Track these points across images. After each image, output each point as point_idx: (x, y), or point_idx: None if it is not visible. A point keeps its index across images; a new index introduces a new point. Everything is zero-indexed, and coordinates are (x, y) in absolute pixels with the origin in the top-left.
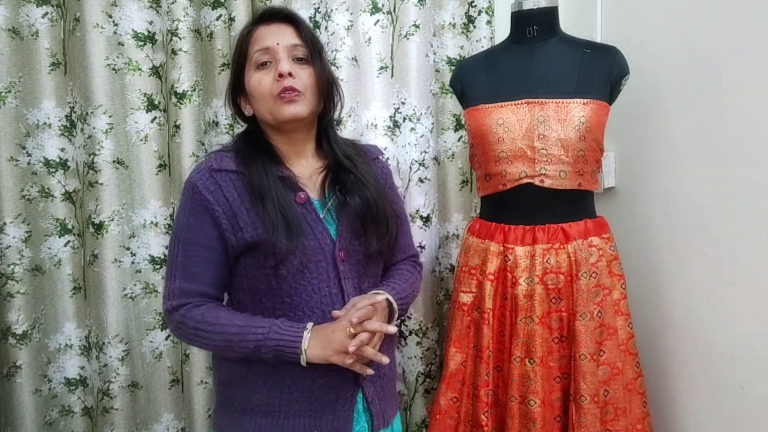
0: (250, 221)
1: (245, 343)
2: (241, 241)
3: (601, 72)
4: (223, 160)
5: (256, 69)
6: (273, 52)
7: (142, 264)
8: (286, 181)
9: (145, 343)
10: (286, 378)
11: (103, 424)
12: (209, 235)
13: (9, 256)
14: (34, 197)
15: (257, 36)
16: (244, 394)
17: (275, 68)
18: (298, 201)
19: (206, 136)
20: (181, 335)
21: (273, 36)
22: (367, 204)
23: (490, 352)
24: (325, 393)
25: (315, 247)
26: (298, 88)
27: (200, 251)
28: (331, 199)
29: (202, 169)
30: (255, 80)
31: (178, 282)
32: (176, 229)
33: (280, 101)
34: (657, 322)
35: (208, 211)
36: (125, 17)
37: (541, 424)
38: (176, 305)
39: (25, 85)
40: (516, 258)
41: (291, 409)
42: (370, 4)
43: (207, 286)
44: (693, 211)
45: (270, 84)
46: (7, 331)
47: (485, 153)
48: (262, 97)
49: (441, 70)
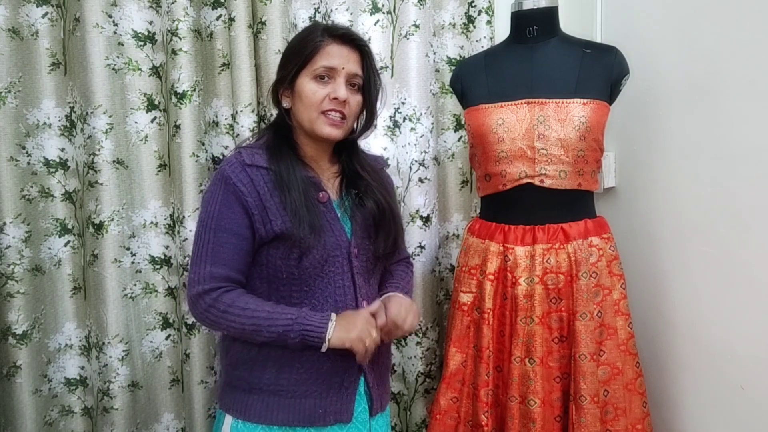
0: (279, 214)
1: (274, 328)
2: (270, 233)
3: (601, 72)
4: (255, 156)
5: (313, 78)
6: (335, 73)
7: (142, 264)
8: (310, 180)
9: (145, 343)
10: (294, 360)
11: (103, 424)
12: (240, 223)
13: (9, 256)
14: (34, 197)
15: (327, 51)
16: (252, 374)
17: (332, 87)
18: (320, 200)
19: (206, 136)
20: (206, 318)
21: (342, 58)
22: (381, 209)
23: (490, 352)
24: (330, 376)
25: (333, 243)
26: (345, 113)
27: (230, 238)
28: (348, 201)
29: (234, 162)
30: (310, 89)
31: (209, 267)
32: (206, 217)
33: (324, 118)
34: (657, 322)
35: (240, 201)
36: (125, 17)
37: (541, 424)
38: (208, 289)
39: (25, 85)
40: (516, 258)
41: (298, 390)
42: (370, 4)
43: (235, 272)
44: (693, 211)
45: (322, 98)
46: (7, 331)
47: (485, 153)
48: (310, 106)
49: (441, 70)
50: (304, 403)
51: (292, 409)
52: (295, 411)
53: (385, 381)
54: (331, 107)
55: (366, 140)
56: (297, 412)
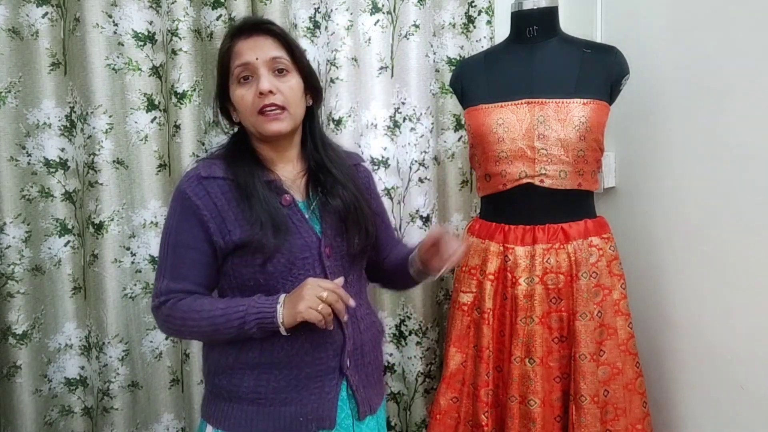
0: (237, 223)
1: (230, 323)
2: (229, 243)
3: (601, 72)
4: (212, 168)
5: (239, 84)
6: (253, 68)
7: (142, 264)
8: (272, 185)
9: (145, 343)
10: (272, 367)
11: (103, 424)
12: (197, 237)
13: (9, 256)
14: (34, 197)
15: (237, 51)
16: (232, 382)
17: (256, 84)
18: (283, 203)
19: (206, 136)
20: (169, 329)
21: (252, 50)
22: (346, 206)
23: (490, 352)
24: (310, 381)
25: (301, 245)
26: (279, 103)
27: (188, 252)
28: (315, 200)
29: (191, 177)
30: (238, 96)
31: (166, 282)
32: (165, 233)
33: (263, 117)
34: (657, 322)
35: (196, 215)
36: (125, 17)
37: (541, 424)
38: (163, 301)
39: (25, 85)
40: (516, 258)
41: (277, 397)
42: (370, 4)
43: (193, 284)
44: (693, 211)
45: (252, 99)
46: (7, 331)
47: (485, 153)
48: (245, 112)
49: (441, 70)
50: (285, 411)
51: (273, 418)
52: (276, 419)
53: (374, 382)
54: (264, 104)
55: (366, 140)
56: (278, 421)
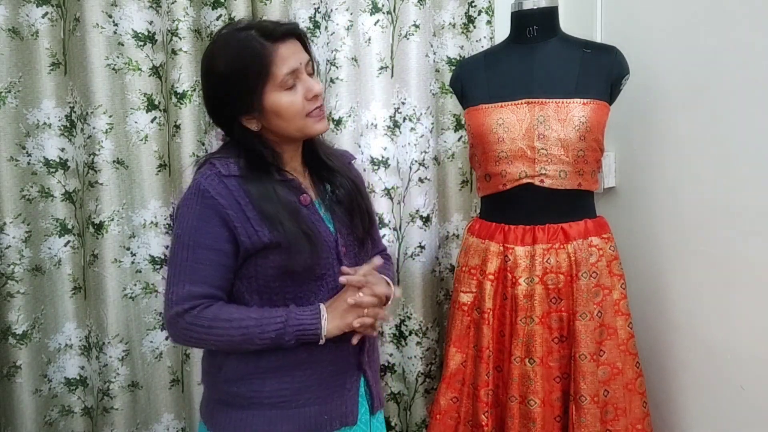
0: (264, 223)
1: (267, 334)
2: (257, 243)
3: (601, 72)
4: (230, 166)
5: (286, 90)
6: (299, 73)
7: (142, 264)
8: (291, 183)
9: (145, 343)
10: (294, 368)
11: (103, 424)
12: (219, 237)
13: (9, 256)
14: (34, 197)
15: (282, 56)
16: (252, 389)
17: (302, 87)
18: (302, 203)
19: (206, 136)
20: (189, 338)
21: (295, 55)
22: (349, 194)
23: (490, 352)
24: (332, 380)
25: (323, 245)
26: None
27: (210, 254)
28: (326, 196)
29: (209, 174)
30: (287, 102)
31: (188, 286)
32: (181, 233)
33: (311, 119)
34: (657, 322)
35: (219, 214)
36: (125, 17)
37: (541, 424)
38: (186, 308)
39: (25, 85)
40: (516, 258)
41: (301, 398)
42: (370, 4)
43: (216, 288)
44: (693, 211)
45: (301, 104)
46: (7, 331)
47: (485, 153)
48: (294, 117)
49: (441, 70)
50: (308, 411)
51: (296, 419)
52: (300, 420)
53: (378, 378)
54: (314, 106)
55: (366, 140)
56: (301, 421)
